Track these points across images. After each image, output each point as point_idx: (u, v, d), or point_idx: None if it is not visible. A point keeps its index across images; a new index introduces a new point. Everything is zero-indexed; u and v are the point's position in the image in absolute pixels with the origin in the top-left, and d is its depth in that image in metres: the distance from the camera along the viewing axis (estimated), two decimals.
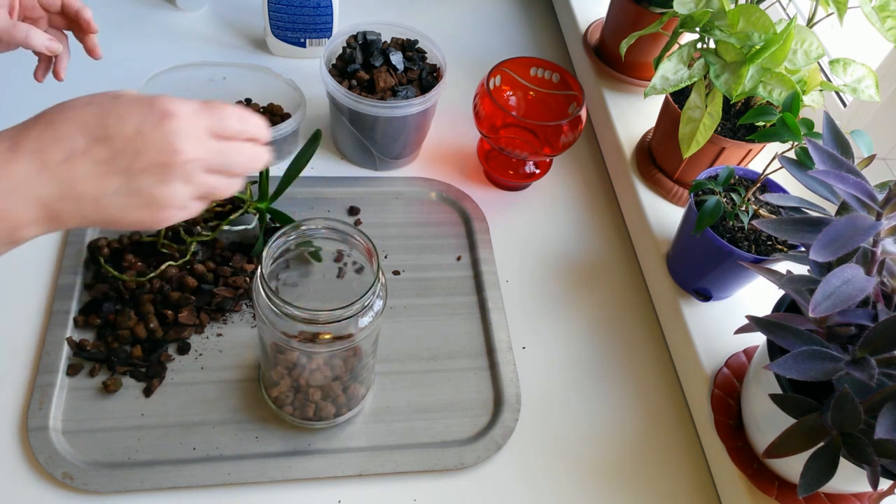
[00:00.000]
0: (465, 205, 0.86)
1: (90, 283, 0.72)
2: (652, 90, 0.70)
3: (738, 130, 0.76)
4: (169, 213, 0.39)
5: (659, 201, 0.84)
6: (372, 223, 0.84)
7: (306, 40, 0.98)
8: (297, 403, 0.65)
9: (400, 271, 0.80)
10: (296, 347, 0.58)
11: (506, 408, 0.70)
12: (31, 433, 0.62)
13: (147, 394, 0.67)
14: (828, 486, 0.51)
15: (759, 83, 0.67)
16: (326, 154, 0.90)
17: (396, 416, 0.69)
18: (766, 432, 0.60)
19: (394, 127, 0.83)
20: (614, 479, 0.68)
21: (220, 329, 0.72)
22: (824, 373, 0.48)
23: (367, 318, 0.57)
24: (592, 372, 0.75)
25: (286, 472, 0.63)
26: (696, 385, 0.71)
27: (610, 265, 0.86)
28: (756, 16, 0.65)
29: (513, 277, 0.82)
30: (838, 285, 0.47)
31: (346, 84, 0.83)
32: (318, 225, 0.59)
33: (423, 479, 0.66)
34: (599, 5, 1.07)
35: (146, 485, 0.61)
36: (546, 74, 0.87)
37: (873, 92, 0.68)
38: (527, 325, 0.78)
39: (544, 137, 0.83)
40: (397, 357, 0.73)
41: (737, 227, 0.70)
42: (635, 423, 0.72)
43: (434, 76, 0.87)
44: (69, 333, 0.69)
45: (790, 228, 0.53)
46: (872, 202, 0.49)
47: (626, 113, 0.93)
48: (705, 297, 0.75)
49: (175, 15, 1.03)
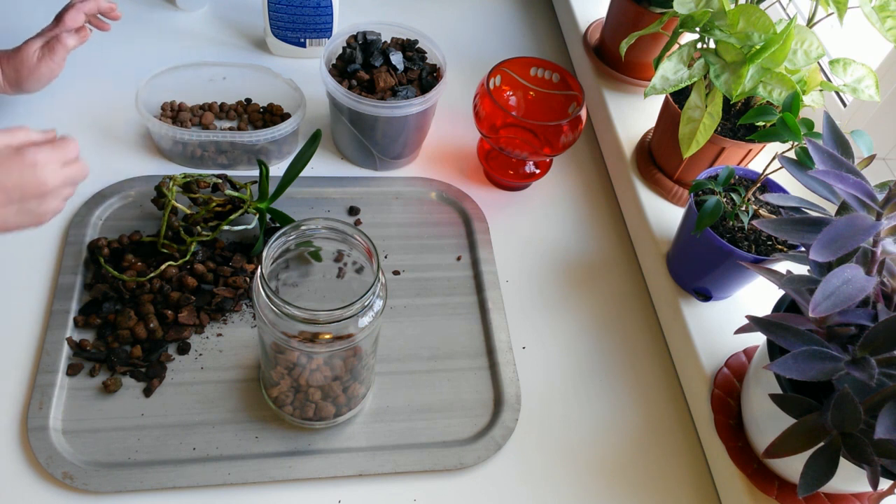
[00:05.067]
0: (465, 205, 0.86)
1: (90, 283, 0.72)
2: (652, 90, 0.70)
3: (738, 130, 0.76)
4: (49, 217, 0.61)
5: (659, 201, 0.84)
6: (372, 223, 0.84)
7: (306, 40, 0.98)
8: (297, 403, 0.65)
9: (400, 271, 0.80)
10: (296, 347, 0.58)
11: (506, 408, 0.70)
12: (31, 433, 0.62)
13: (147, 394, 0.67)
14: (828, 486, 0.51)
15: (759, 83, 0.67)
16: (326, 154, 0.90)
17: (396, 416, 0.69)
18: (766, 432, 0.60)
19: (394, 127, 0.83)
20: (614, 479, 0.68)
21: (220, 329, 0.72)
22: (824, 373, 0.48)
23: (367, 318, 0.57)
24: (592, 372, 0.76)
25: (286, 472, 0.63)
26: (696, 385, 0.71)
27: (610, 265, 0.86)
28: (756, 16, 0.65)
29: (513, 277, 0.82)
30: (838, 285, 0.47)
31: (346, 84, 0.83)
32: (318, 225, 0.59)
33: (423, 479, 0.66)
34: (599, 5, 1.08)
35: (146, 485, 0.61)
36: (546, 74, 0.87)
37: (873, 92, 0.68)
38: (527, 325, 0.78)
39: (544, 137, 0.83)
40: (397, 357, 0.73)
41: (737, 227, 0.70)
42: (635, 423, 0.72)
43: (434, 76, 0.87)
44: (69, 333, 0.69)
45: (790, 228, 0.53)
46: (872, 202, 0.49)
47: (626, 113, 0.93)
48: (705, 297, 0.75)
49: (175, 15, 1.03)
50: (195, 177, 0.77)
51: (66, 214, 0.78)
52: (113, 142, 0.86)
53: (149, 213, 0.79)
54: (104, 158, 0.84)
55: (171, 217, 0.75)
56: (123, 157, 0.85)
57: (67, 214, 0.78)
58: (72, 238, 0.75)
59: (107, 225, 0.78)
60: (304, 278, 0.67)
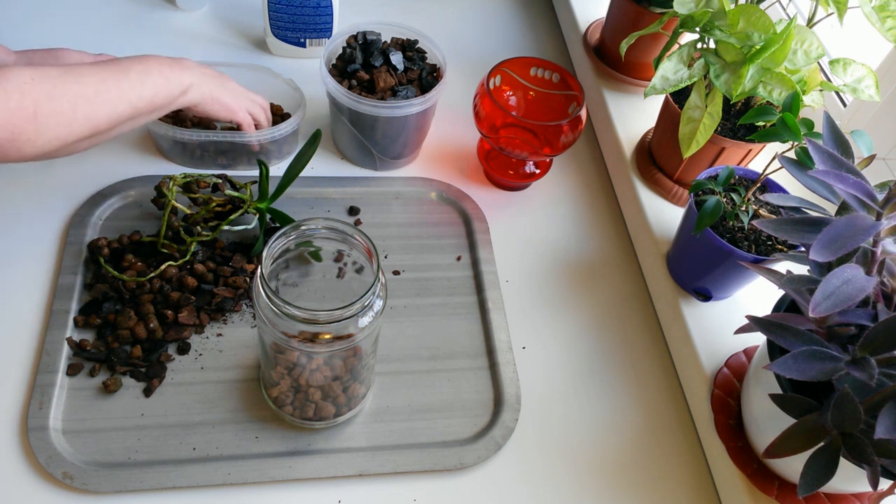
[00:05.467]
0: (465, 205, 0.86)
1: (90, 283, 0.72)
2: (652, 90, 0.70)
3: (738, 130, 0.76)
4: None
5: (659, 201, 0.84)
6: (372, 223, 0.84)
7: (306, 40, 0.98)
8: (297, 403, 0.65)
9: (400, 271, 0.80)
10: (296, 347, 0.58)
11: (506, 408, 0.70)
12: (31, 433, 0.62)
13: (147, 394, 0.67)
14: (828, 486, 0.51)
15: (759, 83, 0.67)
16: (326, 154, 0.90)
17: (396, 416, 0.69)
18: (766, 432, 0.60)
19: (394, 127, 0.83)
20: (614, 479, 0.68)
21: (220, 329, 0.72)
22: (824, 373, 0.48)
23: (367, 318, 0.57)
24: (592, 372, 0.76)
25: (286, 472, 0.63)
26: (696, 385, 0.71)
27: (610, 265, 0.86)
28: (756, 16, 0.65)
29: (513, 277, 0.82)
30: (838, 285, 0.47)
31: (346, 84, 0.83)
32: (318, 225, 0.59)
33: (423, 479, 0.66)
34: (599, 5, 1.08)
35: (146, 485, 0.61)
36: (546, 74, 0.87)
37: (873, 92, 0.68)
38: (527, 325, 0.78)
39: (544, 137, 0.83)
40: (397, 357, 0.73)
41: (737, 227, 0.70)
42: (635, 423, 0.72)
43: (434, 76, 0.87)
44: (69, 333, 0.69)
45: (790, 228, 0.53)
46: (872, 202, 0.49)
47: (626, 113, 0.93)
48: (705, 297, 0.75)
49: (175, 15, 1.03)
50: (195, 177, 0.77)
51: (66, 214, 0.78)
52: (113, 142, 0.86)
53: (149, 213, 0.79)
54: (104, 158, 0.84)
55: (171, 217, 0.75)
56: (123, 157, 0.85)
57: (67, 214, 0.78)
58: (72, 238, 0.75)
59: (107, 225, 0.78)
60: (304, 278, 0.67)
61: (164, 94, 0.70)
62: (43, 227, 0.77)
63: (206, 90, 0.75)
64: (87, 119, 0.64)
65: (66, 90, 0.62)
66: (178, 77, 0.72)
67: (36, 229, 0.76)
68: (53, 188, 0.80)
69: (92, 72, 0.65)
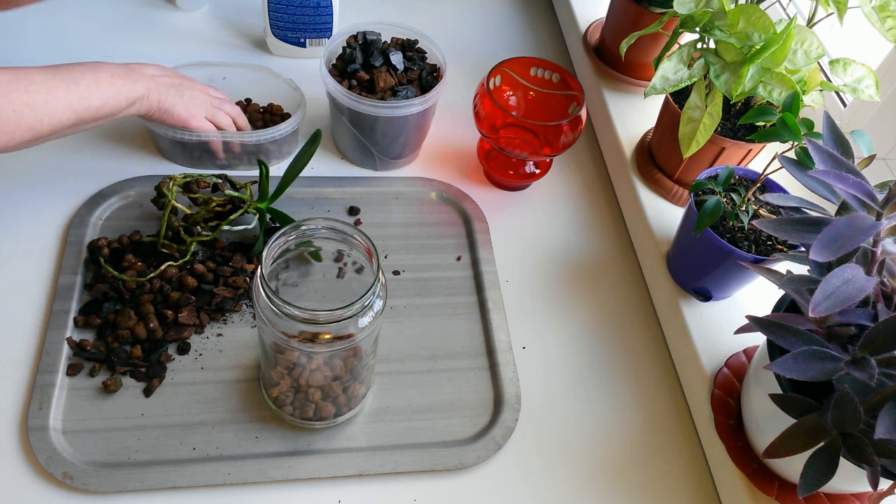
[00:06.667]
0: (465, 205, 0.86)
1: (90, 283, 0.72)
2: (652, 90, 0.70)
3: (738, 130, 0.76)
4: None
5: (659, 201, 0.84)
6: (372, 223, 0.84)
7: (306, 40, 0.98)
8: (297, 403, 0.65)
9: (400, 271, 0.80)
10: (296, 347, 0.58)
11: (506, 408, 0.70)
12: (31, 433, 0.62)
13: (147, 394, 0.67)
14: (828, 486, 0.51)
15: (759, 83, 0.67)
16: (326, 154, 0.90)
17: (396, 416, 0.69)
18: (766, 432, 0.60)
19: (394, 127, 0.83)
20: (614, 479, 0.68)
21: (220, 329, 0.72)
22: (824, 373, 0.48)
23: (367, 318, 0.57)
24: (592, 372, 0.76)
25: (286, 472, 0.63)
26: (696, 385, 0.71)
27: (610, 265, 0.86)
28: (756, 16, 0.65)
29: (513, 277, 0.82)
30: (838, 285, 0.47)
31: (346, 84, 0.83)
32: (318, 225, 0.59)
33: (423, 479, 0.66)
34: (599, 5, 1.08)
35: (146, 485, 0.61)
36: (546, 74, 0.87)
37: (873, 92, 0.68)
38: (527, 325, 0.78)
39: (544, 137, 0.83)
40: (397, 357, 0.73)
41: (737, 227, 0.70)
42: (635, 423, 0.72)
43: (434, 76, 0.87)
44: (69, 333, 0.69)
45: (790, 228, 0.53)
46: (872, 202, 0.49)
47: (626, 113, 0.93)
48: (705, 297, 0.75)
49: (175, 15, 1.03)
50: (195, 177, 0.77)
51: (66, 214, 0.78)
52: (113, 142, 0.86)
53: (149, 213, 0.79)
54: (104, 158, 0.84)
55: (171, 217, 0.75)
56: (123, 157, 0.85)
57: (67, 214, 0.78)
58: (72, 238, 0.75)
59: (107, 225, 0.78)
60: (304, 278, 0.67)
61: (112, 106, 0.70)
62: (43, 227, 0.77)
63: (155, 102, 0.74)
64: (29, 128, 0.64)
65: (13, 98, 0.62)
66: (129, 88, 0.71)
67: (36, 229, 0.76)
68: (53, 188, 0.80)
69: (42, 79, 0.65)
